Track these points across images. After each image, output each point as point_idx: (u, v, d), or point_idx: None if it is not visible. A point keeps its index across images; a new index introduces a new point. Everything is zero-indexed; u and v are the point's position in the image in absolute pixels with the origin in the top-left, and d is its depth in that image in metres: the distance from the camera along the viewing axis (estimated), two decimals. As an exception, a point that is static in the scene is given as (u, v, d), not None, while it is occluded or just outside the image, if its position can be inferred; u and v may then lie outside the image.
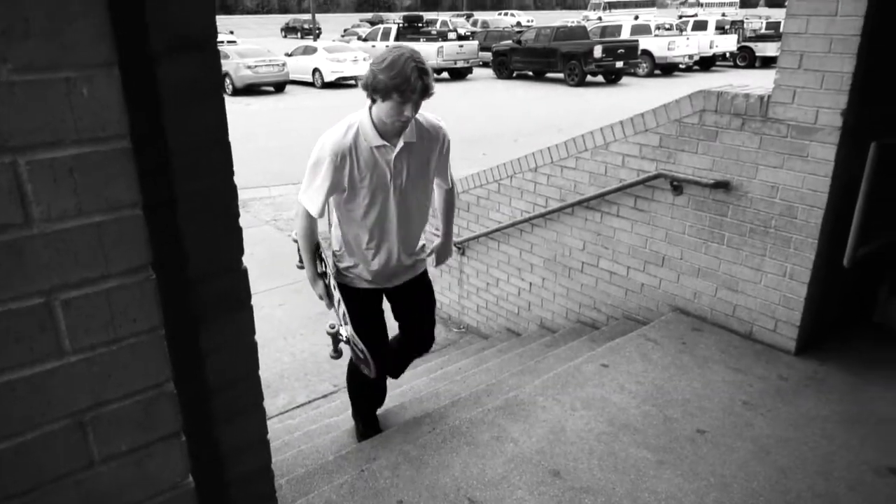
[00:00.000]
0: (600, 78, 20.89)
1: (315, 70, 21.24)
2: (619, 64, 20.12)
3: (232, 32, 36.64)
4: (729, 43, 24.36)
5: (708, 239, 3.36)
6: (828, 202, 2.88)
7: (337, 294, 2.60)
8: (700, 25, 25.20)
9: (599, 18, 30.36)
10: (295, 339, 4.95)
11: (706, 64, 23.80)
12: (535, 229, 4.35)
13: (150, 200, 1.02)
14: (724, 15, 34.66)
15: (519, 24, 37.85)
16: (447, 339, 5.03)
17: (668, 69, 22.62)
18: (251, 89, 19.76)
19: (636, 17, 28.00)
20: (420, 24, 25.00)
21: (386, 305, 2.84)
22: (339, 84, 21.19)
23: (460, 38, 23.79)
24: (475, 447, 2.53)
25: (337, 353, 2.66)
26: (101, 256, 0.83)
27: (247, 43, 26.59)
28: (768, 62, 22.43)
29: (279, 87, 20.47)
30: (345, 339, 2.62)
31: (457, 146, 2.82)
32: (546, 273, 4.37)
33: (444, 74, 22.74)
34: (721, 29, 25.39)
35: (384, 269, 2.64)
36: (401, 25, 24.53)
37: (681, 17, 34.27)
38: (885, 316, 3.41)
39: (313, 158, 2.42)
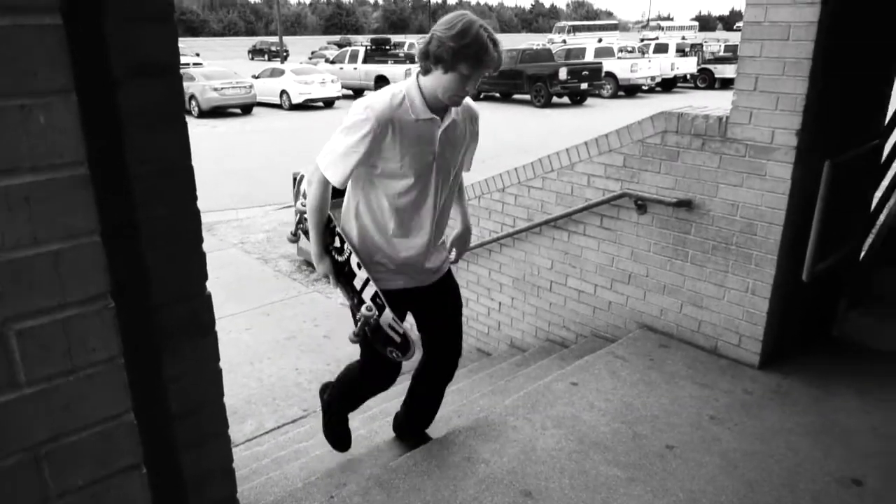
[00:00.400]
0: (566, 99, 21.26)
1: (283, 92, 21.22)
2: (584, 86, 20.53)
3: (198, 55, 36.45)
4: (689, 65, 25.09)
5: (672, 256, 3.42)
6: (786, 219, 2.97)
7: (363, 272, 2.28)
8: (661, 48, 25.89)
9: (564, 41, 30.98)
10: (262, 364, 4.88)
11: (668, 85, 24.42)
12: (503, 249, 4.38)
13: (111, 227, 1.01)
14: (683, 38, 35.67)
15: (485, 46, 38.30)
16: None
17: (631, 90, 23.14)
18: (218, 111, 19.62)
19: (600, 40, 28.62)
20: (388, 47, 25.19)
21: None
22: (307, 106, 21.17)
23: (427, 60, 23.96)
24: (446, 469, 2.51)
25: (358, 337, 2.33)
26: (57, 285, 0.81)
27: (213, 65, 26.45)
28: (727, 83, 23.13)
29: (246, 109, 20.38)
30: (372, 321, 2.29)
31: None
32: (515, 292, 4.39)
33: (413, 96, 22.84)
34: (681, 51, 26.12)
35: (412, 263, 2.34)
36: (368, 48, 24.68)
37: (642, 40, 35.18)
38: (843, 329, 3.51)
39: (349, 121, 2.10)
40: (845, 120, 3.15)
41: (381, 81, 22.63)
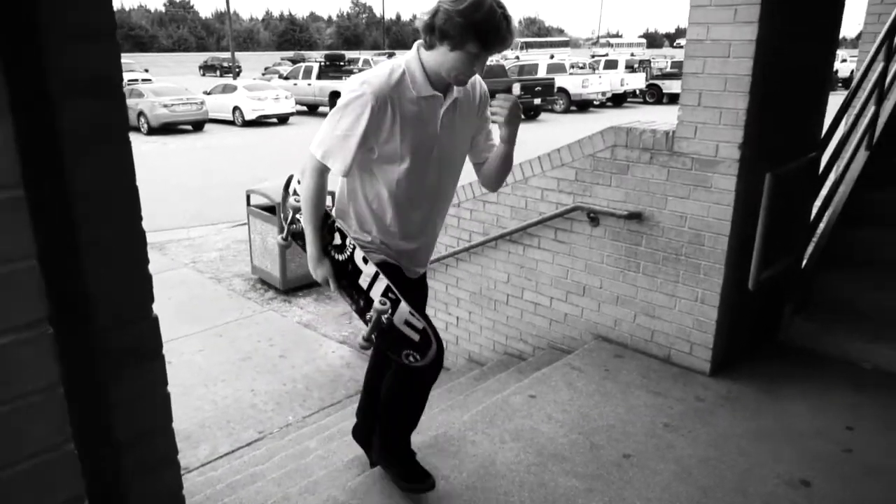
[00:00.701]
0: (520, 114, 21.54)
1: (235, 108, 20.93)
2: (537, 101, 20.91)
3: (147, 70, 35.69)
4: (638, 81, 25.81)
5: (625, 268, 3.49)
6: (731, 229, 3.06)
7: (371, 267, 2.06)
8: (611, 64, 26.58)
9: (517, 58, 31.48)
10: (216, 386, 4.76)
11: (618, 100, 25.04)
12: (459, 263, 4.40)
13: (50, 249, 0.97)
14: (632, 55, 36.65)
15: (440, 62, 38.57)
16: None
17: (583, 105, 23.63)
18: (168, 128, 19.22)
19: (552, 57, 29.16)
20: (342, 63, 25.17)
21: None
22: (261, 122, 20.93)
23: (382, 76, 24.03)
24: (406, 487, 2.48)
25: (369, 342, 2.06)
26: (-9, 312, 0.78)
27: (163, 81, 25.95)
28: (674, 98, 23.82)
29: (198, 125, 20.02)
30: (385, 320, 2.02)
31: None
32: (472, 307, 4.41)
33: (368, 112, 22.86)
34: (630, 68, 26.83)
35: (408, 252, 2.18)
36: (323, 64, 24.59)
37: (593, 56, 36.01)
38: (789, 335, 3.63)
39: (345, 99, 1.91)
40: (785, 134, 3.28)
41: (336, 97, 22.49)
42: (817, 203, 3.91)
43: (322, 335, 5.67)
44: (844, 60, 26.97)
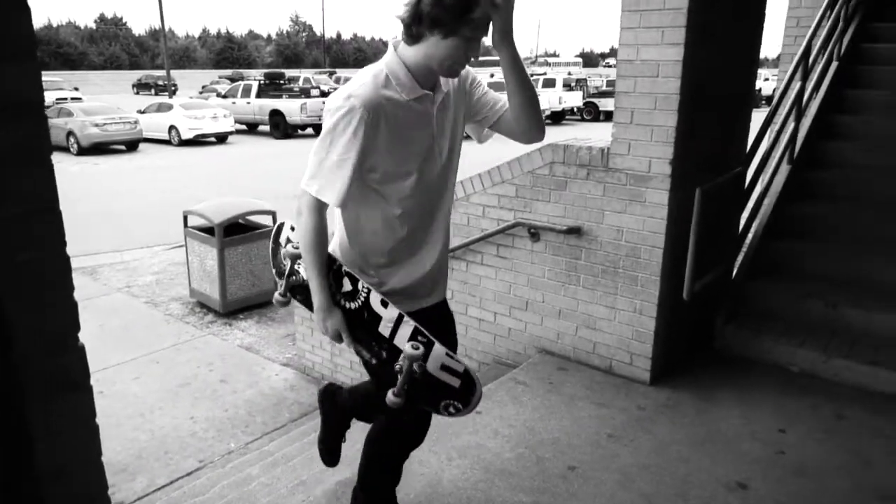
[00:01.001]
0: (462, 132, 21.78)
1: (171, 127, 20.40)
2: (479, 118, 21.13)
3: (77, 89, 34.46)
4: (575, 99, 26.53)
5: (566, 281, 3.55)
6: (666, 242, 3.16)
7: (391, 310, 1.82)
8: (549, 83, 27.17)
9: (457, 76, 31.77)
10: (153, 415, 4.57)
11: (557, 118, 25.65)
12: (404, 281, 4.38)
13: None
14: (570, 73, 37.61)
15: (381, 81, 38.57)
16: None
17: (523, 123, 24.03)
18: (100, 148, 18.55)
19: (492, 76, 29.60)
20: (282, 81, 24.88)
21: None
22: (199, 142, 20.46)
23: (324, 94, 23.94)
24: (352, 511, 2.44)
25: (400, 397, 1.80)
26: None
27: (94, 100, 25.09)
28: (610, 116, 24.39)
29: (132, 145, 19.40)
30: (418, 368, 1.77)
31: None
32: (418, 324, 4.39)
33: (309, 130, 22.71)
34: (568, 86, 27.52)
35: (426, 274, 1.94)
36: (262, 82, 24.27)
37: (532, 75, 36.75)
38: (723, 342, 3.76)
39: (331, 120, 1.70)
40: (712, 149, 3.43)
41: (276, 116, 22.29)
42: (745, 215, 4.09)
43: (265, 358, 5.54)
44: (767, 79, 28.42)
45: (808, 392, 3.29)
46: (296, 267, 1.97)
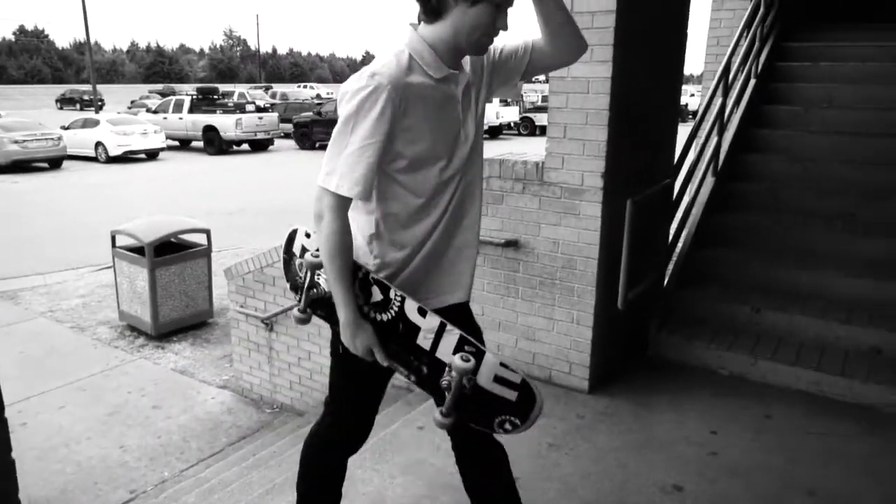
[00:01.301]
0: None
1: (98, 144, 19.59)
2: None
3: (-6, 104, 32.71)
4: (512, 114, 27.04)
5: (505, 294, 3.59)
6: (600, 253, 3.25)
7: (432, 318, 1.62)
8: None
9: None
10: (80, 446, 4.35)
11: (494, 133, 26.02)
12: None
13: None
14: (505, 89, 38.27)
15: (319, 95, 38.46)
16: (259, 422, 4.74)
17: (462, 138, 24.29)
18: (20, 166, 17.66)
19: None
20: (216, 96, 24.32)
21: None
22: (127, 158, 19.73)
23: (259, 109, 23.54)
24: (293, 535, 2.38)
25: (449, 416, 1.59)
26: None
27: (13, 115, 23.92)
28: (546, 130, 25.15)
29: (55, 162, 18.52)
30: (468, 382, 1.56)
31: (262, 218, 2.73)
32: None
33: (245, 146, 22.26)
34: (505, 101, 28.02)
35: (439, 275, 1.76)
36: (195, 97, 23.66)
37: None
38: (657, 349, 3.88)
39: (351, 103, 1.51)
40: (642, 162, 3.55)
41: (210, 131, 21.76)
42: (674, 226, 4.25)
43: (200, 381, 5.36)
44: (693, 95, 29.72)
45: (737, 394, 3.42)
46: (316, 279, 1.77)
